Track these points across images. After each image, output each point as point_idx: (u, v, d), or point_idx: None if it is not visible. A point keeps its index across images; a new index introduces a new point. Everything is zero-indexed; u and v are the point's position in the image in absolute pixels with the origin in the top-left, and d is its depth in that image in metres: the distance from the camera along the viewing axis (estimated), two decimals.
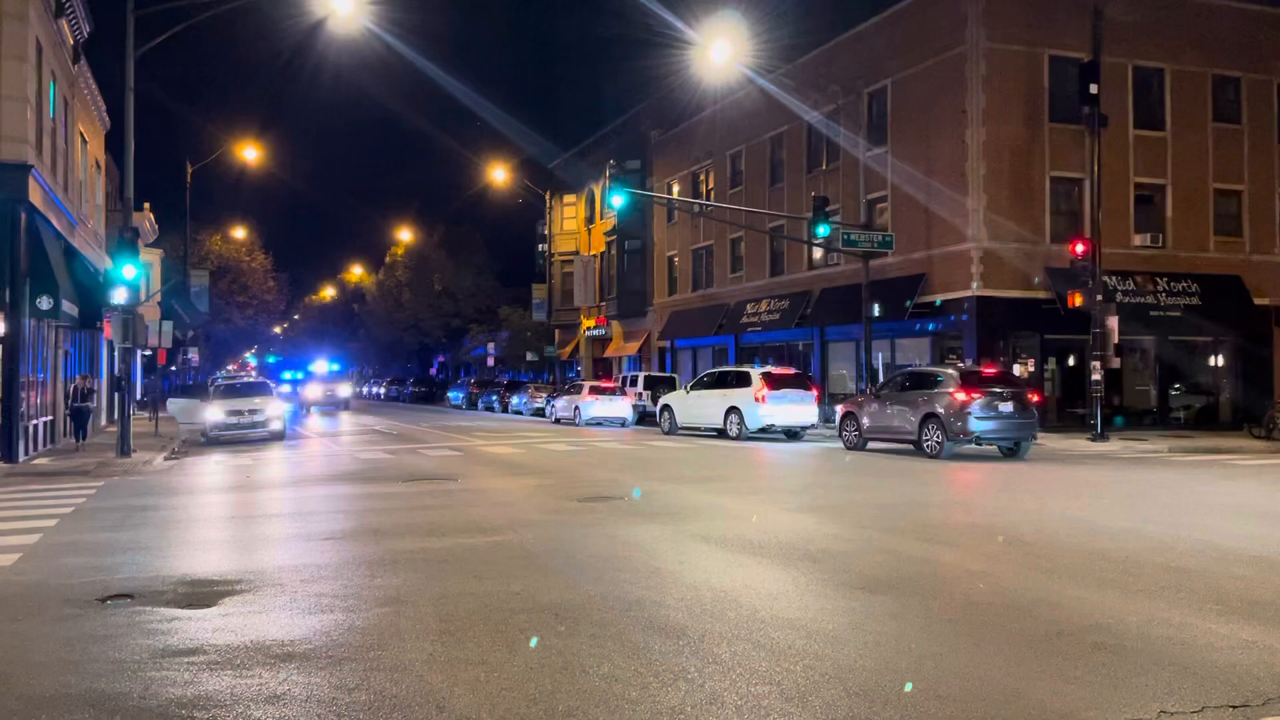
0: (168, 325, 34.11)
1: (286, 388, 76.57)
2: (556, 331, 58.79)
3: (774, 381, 25.47)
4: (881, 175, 31.24)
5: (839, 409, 23.79)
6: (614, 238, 49.84)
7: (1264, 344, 29.97)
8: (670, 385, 35.55)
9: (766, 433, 25.94)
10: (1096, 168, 24.31)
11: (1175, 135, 29.43)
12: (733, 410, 25.80)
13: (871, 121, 31.94)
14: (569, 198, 57.05)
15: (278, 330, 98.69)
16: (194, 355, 53.38)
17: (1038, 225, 27.90)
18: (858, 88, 32.23)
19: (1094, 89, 24.03)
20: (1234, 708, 4.87)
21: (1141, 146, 28.99)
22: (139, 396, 43.31)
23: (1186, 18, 29.34)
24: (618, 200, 30.04)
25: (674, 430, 28.26)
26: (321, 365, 63.49)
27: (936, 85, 28.83)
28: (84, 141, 28.24)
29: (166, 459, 21.32)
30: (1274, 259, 30.26)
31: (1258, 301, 29.33)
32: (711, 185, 41.98)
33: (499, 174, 54.16)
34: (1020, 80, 27.80)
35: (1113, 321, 23.93)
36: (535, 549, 9.53)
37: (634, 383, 37.24)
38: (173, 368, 49.28)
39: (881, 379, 27.36)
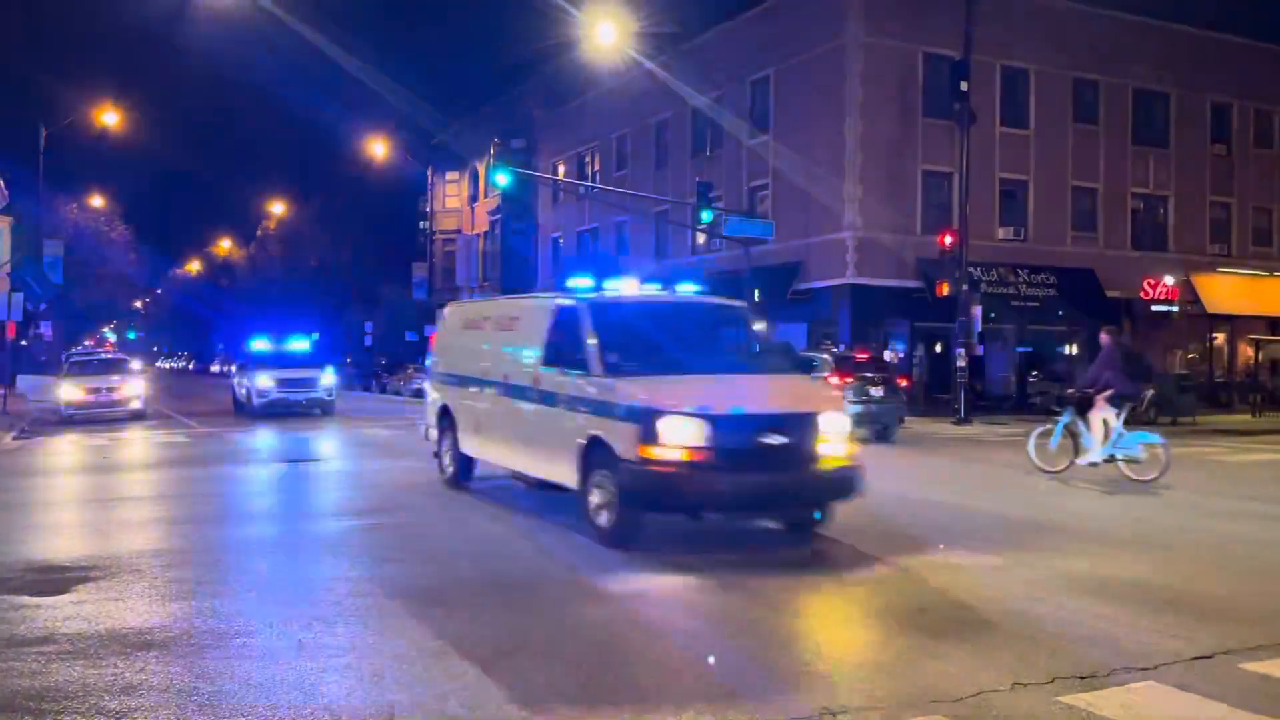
0: (18, 297, 32.08)
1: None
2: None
3: None
4: (764, 163, 31.75)
5: None
6: (498, 217, 49.27)
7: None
8: None
9: None
10: (965, 163, 25.25)
11: (1038, 133, 30.84)
12: None
13: (754, 110, 32.40)
14: (451, 175, 56.05)
15: (138, 304, 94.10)
16: (47, 329, 50.30)
17: (910, 216, 28.86)
18: (741, 76, 32.64)
19: (964, 86, 24.92)
20: (1081, 678, 5.16)
21: (1007, 143, 30.28)
22: None
23: (1051, 22, 30.69)
24: (502, 179, 29.66)
25: None
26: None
27: (817, 77, 29.44)
28: None
29: (16, 438, 20.11)
30: (1125, 254, 32.07)
31: (1109, 294, 31.01)
32: (597, 167, 41.89)
33: (378, 148, 52.80)
34: (896, 75, 28.65)
35: (977, 310, 24.97)
36: (411, 532, 9.36)
37: None
38: (23, 342, 46.28)
39: None
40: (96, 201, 61.34)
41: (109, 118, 37.48)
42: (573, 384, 9.02)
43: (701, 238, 34.40)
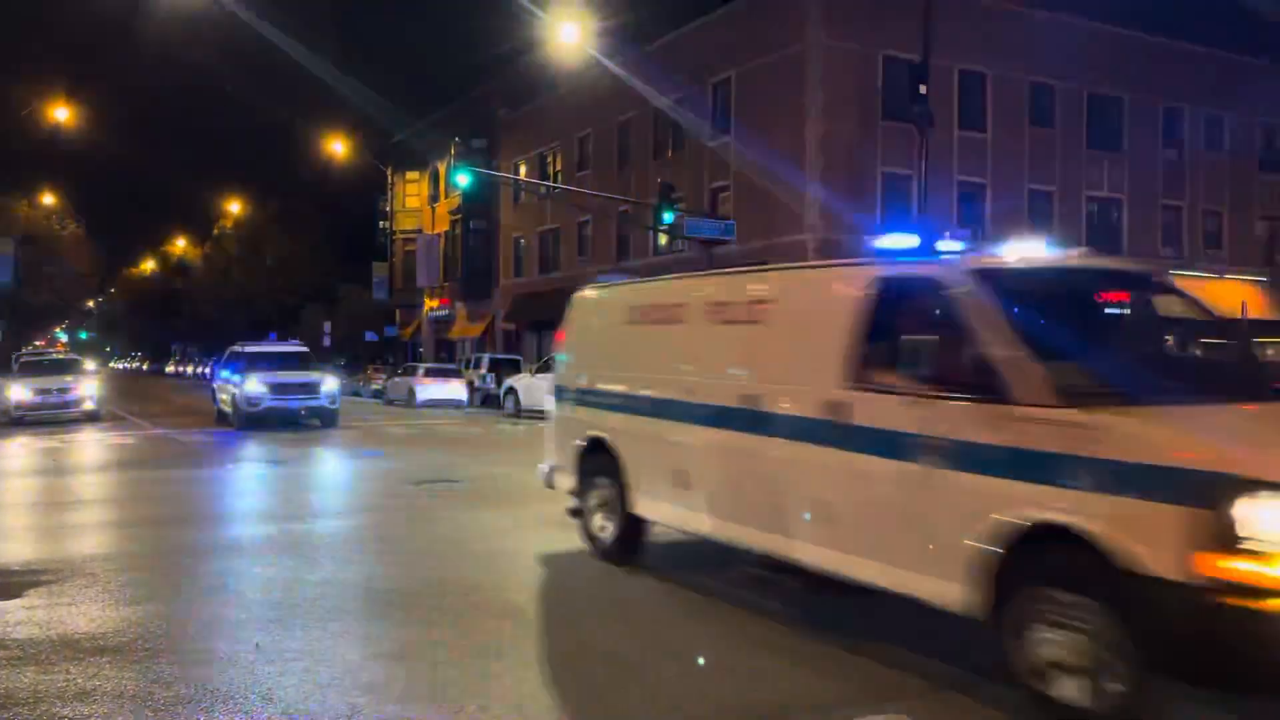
0: None
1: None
2: (398, 311, 57.46)
3: None
4: (725, 164, 31.89)
5: None
6: (459, 217, 49.02)
7: None
8: (515, 368, 35.30)
9: None
10: (924, 165, 25.49)
11: (995, 137, 31.28)
12: None
13: (716, 111, 32.53)
14: (412, 174, 55.72)
15: (90, 304, 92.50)
16: None
17: (871, 218, 29.09)
18: (703, 78, 32.75)
19: (922, 90, 25.12)
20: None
21: (965, 146, 30.65)
22: None
23: (1008, 27, 31.10)
24: (463, 179, 29.55)
25: (519, 412, 28.11)
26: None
27: (778, 80, 29.63)
28: None
29: None
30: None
31: None
32: (559, 167, 41.82)
33: (338, 147, 52.30)
34: (856, 79, 28.89)
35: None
36: (371, 534, 9.30)
37: (478, 364, 36.78)
38: None
39: None
40: (48, 199, 60.24)
41: (61, 114, 36.80)
42: (958, 419, 4.92)
43: (663, 238, 34.49)
